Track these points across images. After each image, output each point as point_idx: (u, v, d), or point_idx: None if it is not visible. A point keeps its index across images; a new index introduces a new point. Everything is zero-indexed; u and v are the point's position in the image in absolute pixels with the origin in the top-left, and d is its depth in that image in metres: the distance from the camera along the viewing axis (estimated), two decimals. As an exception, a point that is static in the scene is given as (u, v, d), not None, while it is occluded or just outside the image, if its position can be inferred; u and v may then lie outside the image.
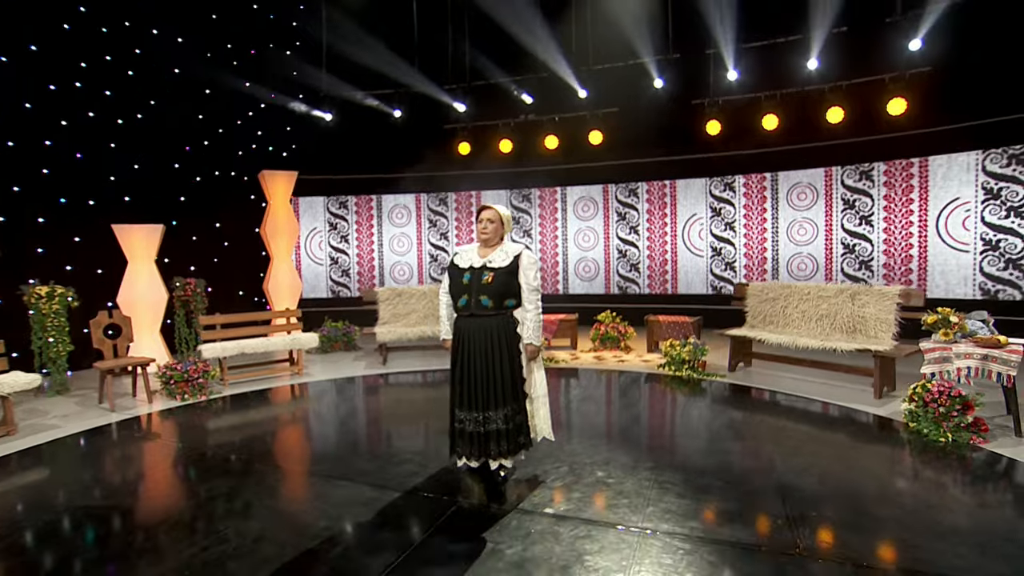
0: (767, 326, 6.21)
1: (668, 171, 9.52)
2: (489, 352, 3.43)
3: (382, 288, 7.48)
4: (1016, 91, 6.61)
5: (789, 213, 8.65)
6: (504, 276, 3.44)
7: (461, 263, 3.55)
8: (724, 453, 3.88)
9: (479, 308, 3.42)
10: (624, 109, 9.14)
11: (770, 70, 8.07)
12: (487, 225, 3.51)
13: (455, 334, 3.55)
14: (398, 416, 5.11)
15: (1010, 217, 6.78)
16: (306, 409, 5.43)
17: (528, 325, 3.49)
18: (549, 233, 10.28)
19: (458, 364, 3.51)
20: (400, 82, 9.60)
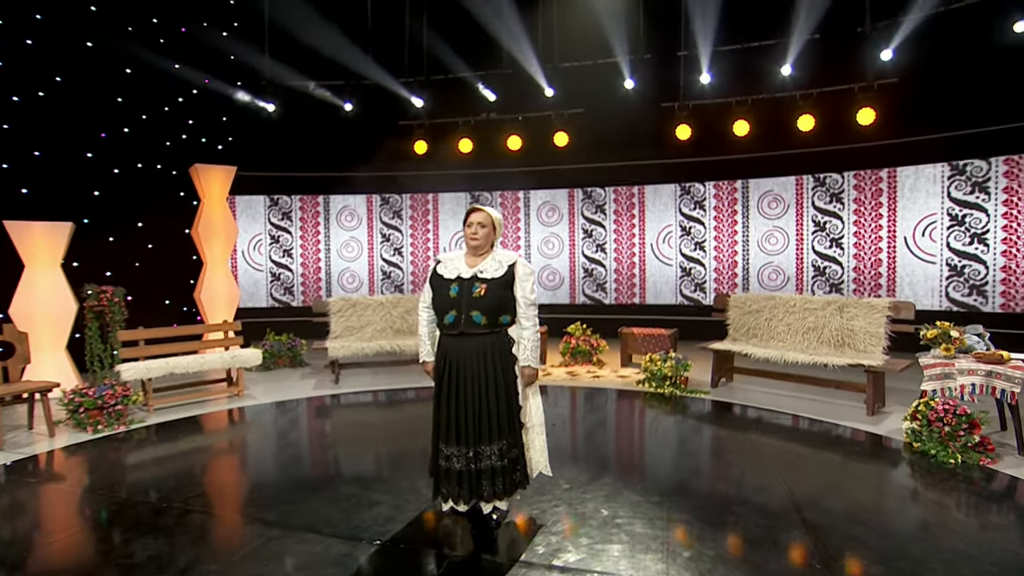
0: (750, 339, 6.09)
1: (636, 176, 9.40)
2: (482, 376, 3.02)
3: (334, 298, 6.89)
4: (979, 105, 6.84)
5: (760, 222, 8.69)
6: (498, 288, 3.05)
7: (446, 273, 3.13)
8: (731, 480, 3.62)
9: (470, 325, 3.01)
10: (591, 110, 8.95)
11: (741, 75, 8.08)
12: (477, 230, 3.10)
13: (440, 356, 3.11)
14: (360, 444, 4.58)
15: (974, 243, 6.99)
16: (250, 438, 4.80)
17: (526, 345, 3.10)
18: (511, 240, 9.94)
19: (444, 391, 3.07)
20: (352, 72, 9.02)
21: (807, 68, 7.61)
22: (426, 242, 10.11)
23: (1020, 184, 6.80)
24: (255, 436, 4.86)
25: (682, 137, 8.54)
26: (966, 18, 6.42)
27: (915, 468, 3.88)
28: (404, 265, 10.11)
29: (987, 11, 6.27)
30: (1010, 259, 6.89)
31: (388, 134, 9.49)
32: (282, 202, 9.87)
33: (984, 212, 6.98)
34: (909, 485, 3.65)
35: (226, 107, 8.95)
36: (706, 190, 9.03)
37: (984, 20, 6.28)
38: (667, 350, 6.88)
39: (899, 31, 6.86)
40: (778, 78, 7.77)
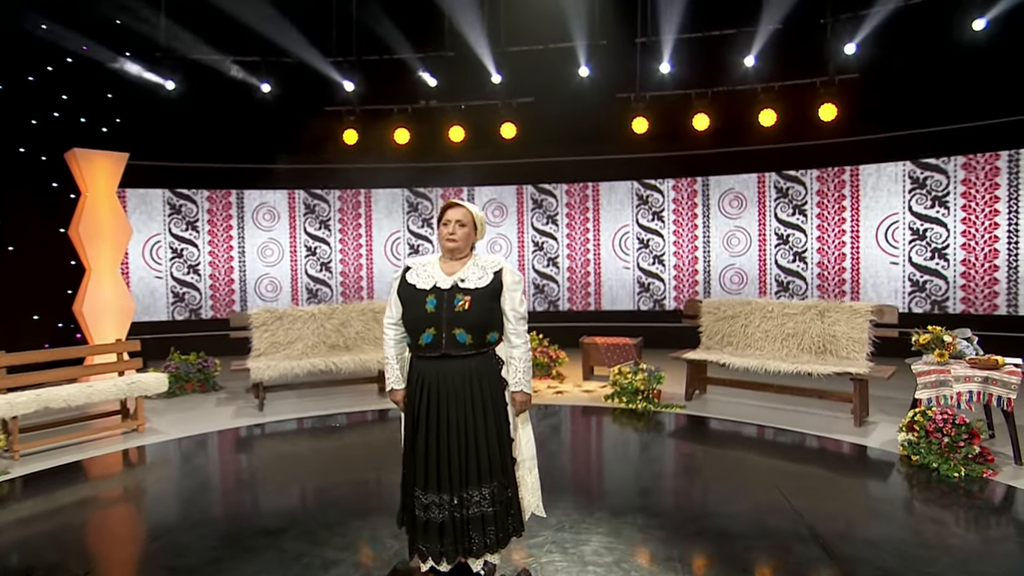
0: (725, 347, 6.02)
1: (590, 172, 9.27)
2: (468, 406, 2.65)
3: (257, 310, 6.23)
4: (939, 104, 7.18)
5: (721, 222, 8.77)
6: (485, 300, 2.69)
7: (419, 282, 2.73)
8: (736, 507, 3.43)
9: (453, 346, 2.63)
10: (542, 99, 8.73)
11: (702, 65, 8.11)
12: (455, 229, 2.73)
13: (414, 383, 2.72)
14: (299, 485, 4.05)
15: (934, 259, 7.33)
16: (154, 486, 4.14)
17: (517, 366, 2.76)
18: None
19: (422, 426, 2.67)
20: (271, 46, 8.30)
21: (769, 60, 7.74)
22: (357, 246, 9.50)
23: (977, 184, 7.18)
24: (161, 483, 4.21)
25: (639, 131, 8.47)
26: (926, 14, 6.71)
27: (920, 484, 3.85)
28: (333, 276, 9.45)
29: (947, 8, 6.58)
30: (969, 261, 7.25)
31: (313, 121, 8.84)
32: (186, 197, 8.97)
33: (944, 227, 7.33)
34: (923, 505, 3.60)
35: (112, 81, 7.96)
36: (665, 188, 9.01)
37: (944, 17, 6.58)
38: (635, 361, 6.72)
39: (861, 25, 7.08)
40: (740, 70, 7.86)
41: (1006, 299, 7.02)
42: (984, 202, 7.13)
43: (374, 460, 4.65)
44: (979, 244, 7.17)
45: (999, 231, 7.04)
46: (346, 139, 8.81)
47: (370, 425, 5.71)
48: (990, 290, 7.09)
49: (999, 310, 7.06)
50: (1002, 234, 7.03)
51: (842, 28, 7.19)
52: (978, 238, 7.19)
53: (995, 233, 7.06)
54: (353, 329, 6.40)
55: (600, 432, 5.30)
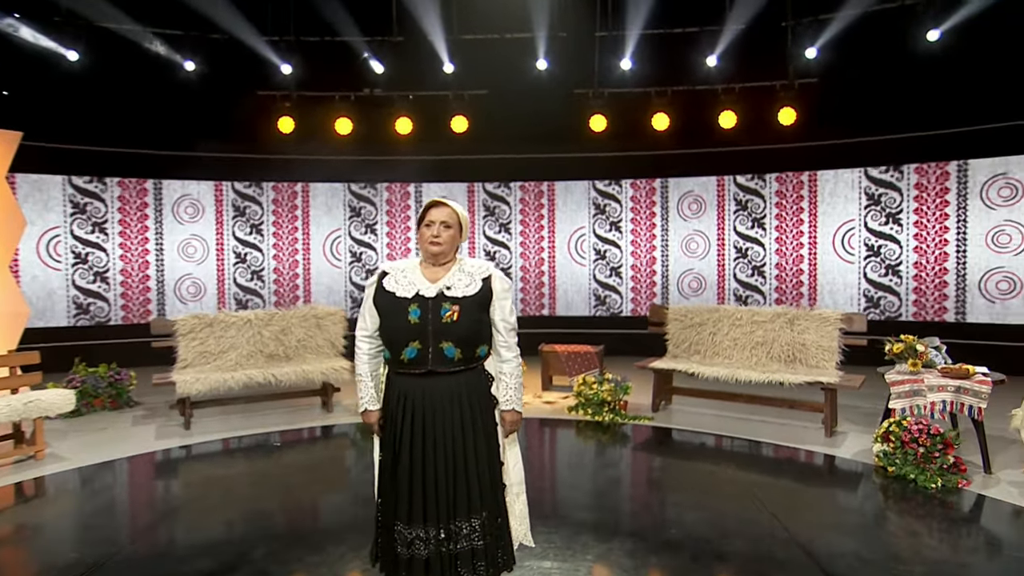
0: (692, 356, 6.04)
1: (546, 170, 9.17)
2: (458, 428, 2.48)
3: (184, 315, 5.73)
4: (895, 112, 7.51)
5: (680, 224, 8.86)
6: (474, 309, 2.51)
7: (399, 290, 2.51)
8: (725, 527, 3.37)
9: (440, 361, 2.44)
10: (495, 92, 8.55)
11: (663, 63, 8.16)
12: (440, 231, 2.53)
13: (395, 403, 2.51)
14: (238, 514, 3.68)
15: (888, 275, 7.69)
16: (55, 524, 3.67)
17: (509, 383, 2.61)
18: (400, 240, 9.21)
19: (405, 451, 2.47)
20: (197, 18, 7.70)
21: (731, 61, 7.87)
22: (292, 242, 9.01)
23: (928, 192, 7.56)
24: (64, 520, 3.74)
25: (597, 129, 8.43)
26: (885, 23, 6.99)
27: (899, 495, 3.93)
28: (265, 285, 8.91)
29: (904, 17, 6.88)
30: (920, 263, 7.62)
31: (245, 106, 8.30)
32: (91, 194, 8.22)
33: (898, 243, 7.69)
34: (909, 517, 3.65)
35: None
36: (623, 189, 9.03)
37: (901, 26, 6.88)
38: (599, 370, 6.65)
39: (822, 30, 7.31)
40: (702, 69, 7.95)
41: (955, 306, 7.42)
42: (934, 212, 7.51)
43: (322, 483, 4.36)
44: (930, 253, 7.55)
45: (948, 236, 7.43)
46: (281, 127, 8.32)
47: (314, 443, 5.38)
48: (940, 292, 7.47)
49: (948, 314, 7.46)
50: (951, 240, 7.42)
51: (803, 32, 7.40)
52: (929, 247, 7.56)
53: (944, 237, 7.45)
54: (294, 337, 6.00)
55: (568, 447, 5.19)
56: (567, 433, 5.48)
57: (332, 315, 6.18)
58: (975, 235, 7.32)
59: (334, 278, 9.08)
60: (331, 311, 6.22)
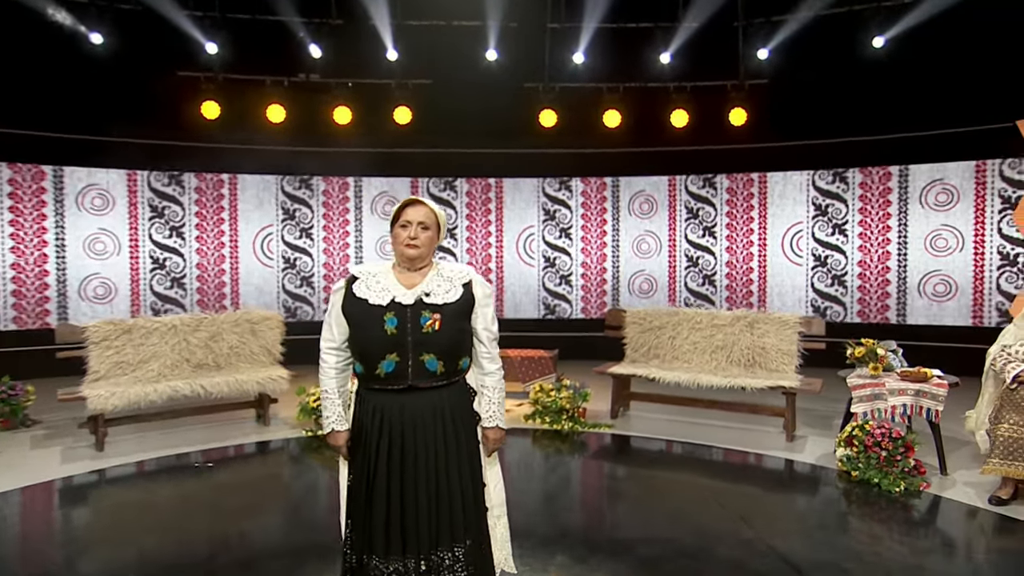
0: (652, 360, 6.06)
1: (494, 166, 9.03)
2: (441, 449, 2.33)
3: (97, 321, 5.23)
4: (842, 116, 7.82)
5: (632, 224, 8.92)
6: (456, 318, 2.37)
7: (372, 296, 2.33)
8: (704, 537, 3.35)
9: (422, 375, 2.29)
10: (441, 83, 8.34)
11: (615, 59, 8.17)
12: (418, 232, 2.37)
13: (368, 421, 2.32)
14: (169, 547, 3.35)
15: (834, 285, 8.07)
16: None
17: (492, 397, 2.49)
18: (338, 237, 8.83)
19: (382, 475, 2.30)
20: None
21: (683, 59, 7.97)
22: (219, 234, 8.46)
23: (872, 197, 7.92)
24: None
25: (547, 124, 8.37)
26: (834, 28, 7.26)
27: (865, 499, 4.05)
28: (188, 294, 8.33)
29: (853, 23, 7.16)
30: (865, 267, 7.98)
31: (163, 87, 7.73)
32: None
33: (843, 254, 8.02)
34: (876, 522, 3.75)
35: None
36: (573, 188, 9.01)
37: (850, 32, 7.16)
38: (555, 376, 6.58)
39: (773, 32, 7.51)
40: (655, 66, 8.02)
41: (896, 308, 7.81)
42: (878, 215, 7.88)
43: (260, 505, 4.08)
44: (873, 256, 7.92)
45: (890, 238, 7.81)
46: (205, 112, 7.80)
47: (249, 461, 5.04)
48: (882, 289, 7.86)
49: (890, 315, 7.84)
50: (893, 243, 7.81)
51: (755, 33, 7.58)
52: (872, 250, 7.93)
53: (887, 237, 7.82)
54: (226, 343, 5.60)
55: (529, 459, 5.08)
56: (524, 443, 5.37)
57: (268, 320, 5.82)
58: (915, 238, 7.73)
59: (265, 278, 8.60)
60: (267, 315, 5.85)
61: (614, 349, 6.42)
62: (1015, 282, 7.24)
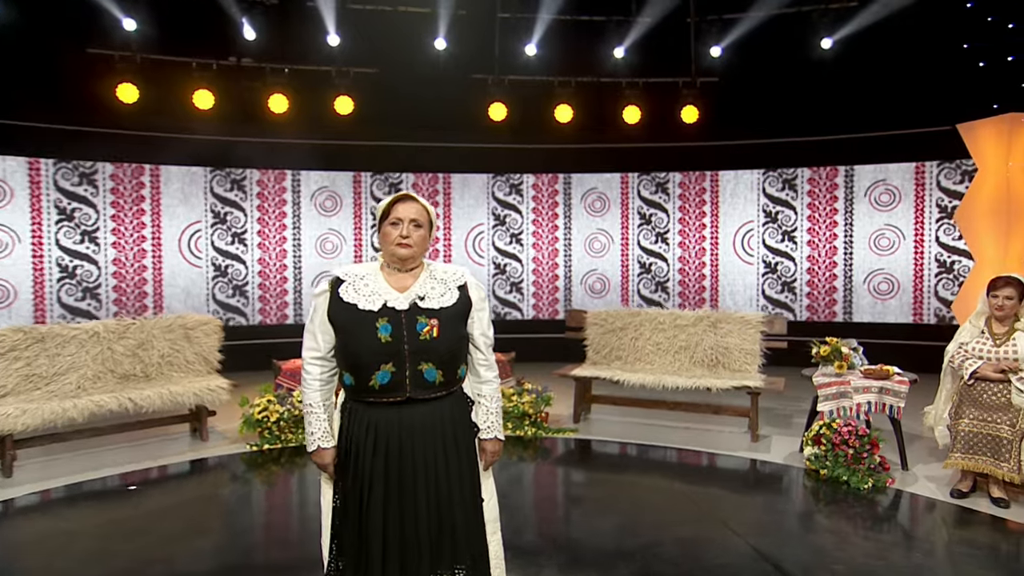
0: (614, 362, 6.08)
1: (441, 161, 8.86)
2: (442, 464, 2.23)
3: (2, 328, 4.73)
4: (789, 116, 8.11)
5: (584, 223, 8.95)
6: (454, 323, 2.28)
7: (361, 301, 2.20)
8: (693, 544, 3.35)
9: (420, 387, 2.17)
10: (387, 71, 8.11)
11: (567, 52, 8.17)
12: (410, 231, 2.26)
13: (361, 438, 2.19)
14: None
15: (784, 292, 8.42)
16: None
17: (489, 406, 2.41)
18: (274, 234, 8.43)
19: (377, 497, 2.18)
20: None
21: (636, 54, 8.06)
22: (139, 234, 7.91)
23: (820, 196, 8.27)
24: None
25: (496, 118, 8.29)
26: (785, 27, 7.51)
27: (836, 497, 4.18)
28: (102, 306, 7.74)
29: (802, 24, 7.44)
30: (813, 271, 8.32)
31: (71, 66, 7.15)
32: None
33: (793, 261, 8.31)
34: (855, 521, 3.86)
35: None
36: (524, 198, 8.95)
37: (800, 32, 7.43)
38: (513, 379, 6.49)
39: (725, 29, 7.70)
40: (608, 61, 8.07)
41: (843, 306, 8.18)
42: (825, 213, 8.22)
43: (199, 530, 3.81)
44: (821, 255, 8.27)
45: (837, 237, 8.18)
46: (121, 96, 7.25)
47: (186, 481, 4.71)
48: (830, 284, 8.22)
49: (837, 312, 8.21)
50: (840, 242, 8.18)
51: (708, 30, 7.75)
52: (820, 248, 8.28)
53: (834, 233, 8.18)
54: (156, 352, 5.22)
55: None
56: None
57: (205, 324, 5.46)
58: (860, 238, 8.12)
59: (193, 280, 8.10)
60: (203, 320, 5.50)
61: (571, 350, 6.42)
62: (951, 288, 7.73)
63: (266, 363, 7.01)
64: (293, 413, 5.18)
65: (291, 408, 5.19)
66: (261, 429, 5.09)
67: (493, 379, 2.41)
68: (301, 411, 5.16)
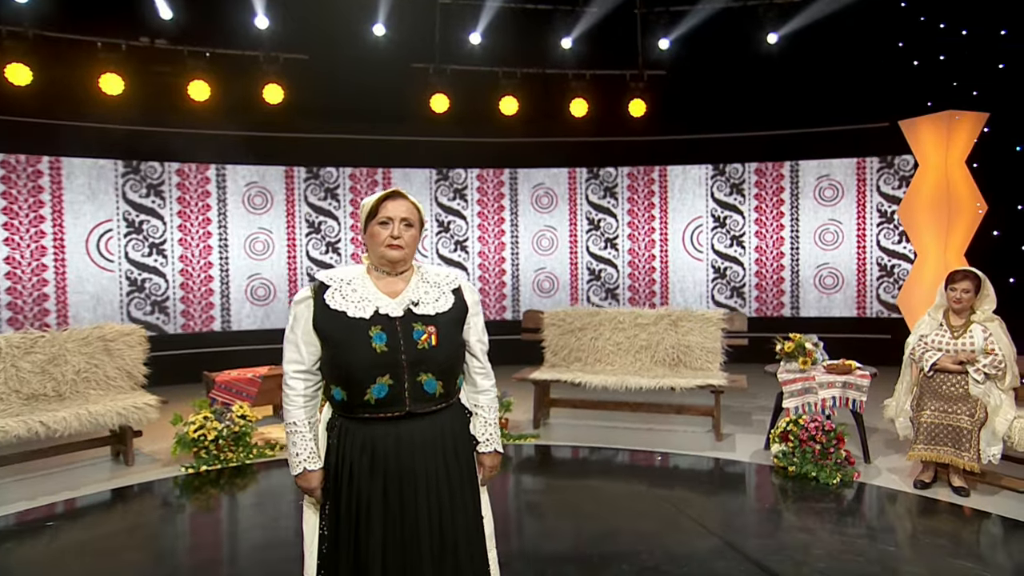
0: (573, 364, 6.06)
1: (380, 155, 8.61)
2: (444, 483, 2.12)
3: None
4: (736, 111, 8.34)
5: (531, 220, 8.91)
6: (452, 330, 2.21)
7: (351, 308, 2.07)
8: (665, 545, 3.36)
9: (419, 400, 2.08)
10: (319, 58, 7.82)
11: (511, 41, 8.10)
12: (401, 231, 2.15)
13: (353, 458, 2.05)
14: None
15: (733, 297, 8.67)
16: None
17: (488, 418, 2.32)
18: (198, 232, 7.95)
19: (376, 522, 2.04)
20: None
21: (583, 45, 8.09)
22: (37, 232, 7.27)
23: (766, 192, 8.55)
24: None
25: (438, 109, 8.13)
26: (730, 21, 7.71)
27: (806, 494, 4.30)
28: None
29: (748, 18, 7.65)
30: (761, 266, 8.60)
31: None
32: None
33: (742, 266, 8.61)
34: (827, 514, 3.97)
35: None
36: (468, 178, 8.83)
37: (747, 27, 7.65)
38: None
39: (672, 22, 7.84)
40: (555, 52, 8.06)
41: (790, 301, 8.50)
42: (772, 209, 8.51)
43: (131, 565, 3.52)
44: (768, 250, 8.56)
45: (784, 233, 8.48)
46: (11, 76, 6.65)
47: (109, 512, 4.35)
48: (778, 276, 8.52)
49: (784, 309, 8.52)
50: (787, 238, 8.49)
51: (655, 22, 7.86)
52: (767, 243, 8.57)
53: (780, 232, 8.49)
54: (71, 367, 4.79)
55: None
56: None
57: (128, 335, 5.06)
58: (806, 233, 8.45)
59: (104, 286, 7.51)
60: (125, 330, 5.09)
61: (523, 353, 6.37)
62: (891, 292, 8.15)
63: (193, 375, 6.62)
64: (233, 430, 4.88)
65: (230, 425, 4.88)
66: (197, 449, 4.76)
67: (491, 388, 2.31)
68: (241, 427, 4.94)
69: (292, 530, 4.03)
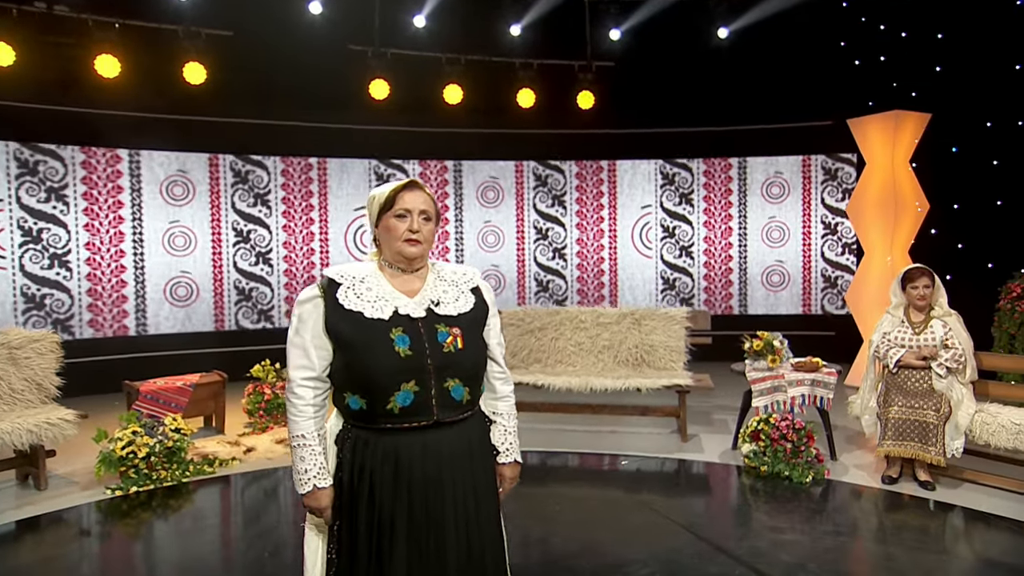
0: (533, 365, 6.01)
1: (314, 143, 8.27)
2: (471, 497, 2.02)
3: None
4: (685, 105, 8.52)
5: (476, 215, 8.79)
6: (475, 332, 2.12)
7: (368, 309, 1.92)
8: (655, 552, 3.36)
9: (447, 407, 1.99)
10: (246, 35, 7.43)
11: (456, 26, 7.96)
12: (419, 225, 2.04)
13: (374, 473, 1.92)
14: None
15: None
16: None
17: (508, 426, 2.26)
18: (108, 226, 7.37)
19: (400, 540, 1.91)
20: None
21: (532, 33, 8.04)
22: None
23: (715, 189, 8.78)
24: None
25: (378, 96, 7.89)
26: (680, 15, 7.85)
27: (783, 494, 4.40)
28: None
29: (698, 12, 7.82)
30: (711, 269, 8.84)
31: None
32: None
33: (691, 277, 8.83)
34: (810, 516, 4.08)
35: None
36: (410, 171, 8.63)
37: (695, 20, 7.82)
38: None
39: (622, 13, 7.91)
40: (503, 39, 7.98)
41: (738, 299, 8.76)
42: (720, 205, 8.75)
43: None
44: (717, 247, 8.80)
45: (732, 228, 8.75)
46: None
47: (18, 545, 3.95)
48: (726, 273, 8.79)
49: (733, 303, 8.79)
50: (735, 235, 8.75)
51: (605, 11, 7.91)
52: (716, 240, 8.81)
53: (729, 226, 8.75)
54: None
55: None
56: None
57: (37, 341, 4.60)
58: (753, 230, 8.73)
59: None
60: (35, 336, 4.63)
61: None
62: (836, 303, 8.55)
63: (107, 385, 6.15)
64: (166, 445, 4.52)
65: (163, 440, 4.53)
66: (125, 468, 4.39)
67: (510, 394, 2.23)
68: (175, 442, 4.60)
69: (241, 553, 3.80)
